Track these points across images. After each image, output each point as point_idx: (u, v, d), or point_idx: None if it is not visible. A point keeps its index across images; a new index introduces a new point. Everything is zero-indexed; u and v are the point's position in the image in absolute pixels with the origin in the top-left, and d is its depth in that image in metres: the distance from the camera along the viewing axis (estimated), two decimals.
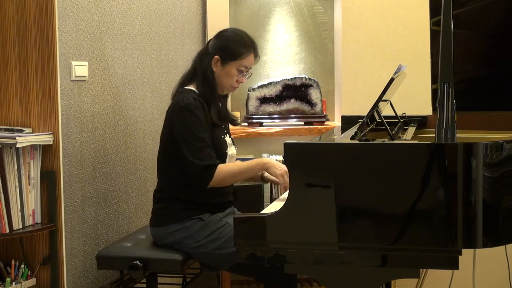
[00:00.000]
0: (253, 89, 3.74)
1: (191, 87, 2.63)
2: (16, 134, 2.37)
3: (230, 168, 2.54)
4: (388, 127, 2.22)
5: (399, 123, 2.71)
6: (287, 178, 2.55)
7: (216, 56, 2.61)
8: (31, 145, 2.43)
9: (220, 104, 2.69)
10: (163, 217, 2.61)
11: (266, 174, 2.80)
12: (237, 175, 2.56)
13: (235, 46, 2.61)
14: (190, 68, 2.69)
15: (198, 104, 2.53)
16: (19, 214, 2.41)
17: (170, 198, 2.60)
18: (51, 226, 2.48)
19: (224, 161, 2.62)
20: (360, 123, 2.22)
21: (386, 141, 2.09)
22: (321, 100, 3.76)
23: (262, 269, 2.45)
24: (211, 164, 2.48)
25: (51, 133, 2.47)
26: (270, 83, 3.75)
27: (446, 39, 1.99)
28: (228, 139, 2.71)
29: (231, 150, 2.69)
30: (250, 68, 2.67)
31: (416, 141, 2.07)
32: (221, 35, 2.68)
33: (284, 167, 2.55)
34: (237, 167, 2.57)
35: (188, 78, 2.67)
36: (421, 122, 3.01)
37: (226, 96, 2.79)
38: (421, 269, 2.40)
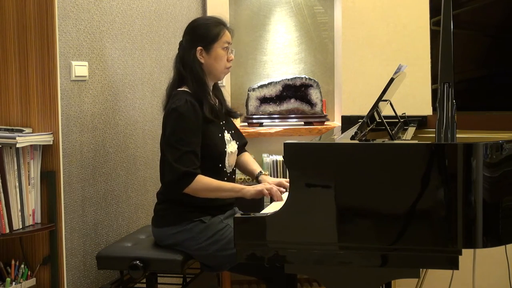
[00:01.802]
0: (253, 89, 3.74)
1: (184, 88, 2.61)
2: (16, 134, 2.37)
3: (209, 182, 2.50)
4: (388, 127, 2.21)
5: (399, 123, 2.70)
6: (270, 186, 2.54)
7: (199, 47, 2.60)
8: (31, 145, 2.43)
9: (217, 101, 2.69)
10: (165, 218, 2.60)
11: (261, 178, 2.80)
12: (213, 191, 2.52)
13: (210, 29, 2.61)
14: (174, 75, 2.66)
15: (189, 106, 2.50)
16: (19, 214, 2.41)
17: (171, 200, 2.60)
18: (51, 226, 2.48)
19: (223, 160, 2.62)
20: (360, 123, 2.22)
21: (386, 141, 2.09)
22: (321, 100, 3.76)
23: (263, 269, 2.45)
24: (190, 171, 2.46)
25: (51, 133, 2.47)
26: (270, 83, 3.75)
27: (446, 39, 1.99)
28: (227, 135, 2.68)
29: (231, 147, 2.67)
30: (231, 44, 2.67)
31: (416, 141, 2.07)
32: (191, 28, 2.67)
33: (259, 185, 2.55)
34: (216, 184, 2.53)
35: (175, 85, 2.65)
36: (421, 122, 3.00)
37: (218, 89, 2.77)
38: (421, 269, 2.40)
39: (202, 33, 2.61)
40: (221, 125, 2.68)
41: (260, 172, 2.82)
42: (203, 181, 2.49)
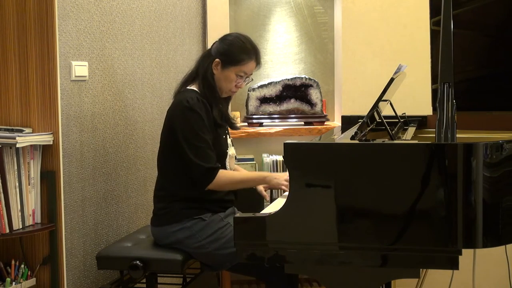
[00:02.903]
0: (253, 89, 3.74)
1: (193, 87, 2.64)
2: (16, 134, 2.37)
3: (231, 175, 2.58)
4: (388, 127, 2.21)
5: (399, 123, 2.70)
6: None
7: (217, 60, 2.61)
8: (31, 145, 2.43)
9: (222, 107, 2.71)
10: (164, 217, 2.61)
11: (260, 189, 2.82)
12: (237, 183, 2.60)
13: (237, 52, 2.61)
14: (193, 69, 2.70)
15: (201, 104, 2.54)
16: (19, 214, 2.41)
17: (170, 198, 2.61)
18: (51, 226, 2.48)
19: (224, 161, 2.63)
20: (360, 123, 2.22)
21: (386, 141, 2.09)
22: (321, 100, 3.76)
23: (263, 269, 2.45)
24: (214, 167, 2.51)
25: (51, 133, 2.47)
26: (270, 83, 3.75)
27: (446, 39, 1.99)
28: (229, 140, 2.73)
29: (231, 150, 2.71)
30: (251, 74, 2.68)
31: (416, 141, 2.07)
32: (225, 38, 2.68)
33: (283, 175, 2.59)
34: (239, 176, 2.62)
35: (190, 78, 2.68)
36: (421, 122, 3.01)
37: (228, 99, 2.79)
38: (421, 269, 2.41)
39: (227, 50, 2.62)
40: (224, 128, 2.71)
41: None
42: (226, 175, 2.55)
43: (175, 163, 2.57)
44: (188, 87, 2.65)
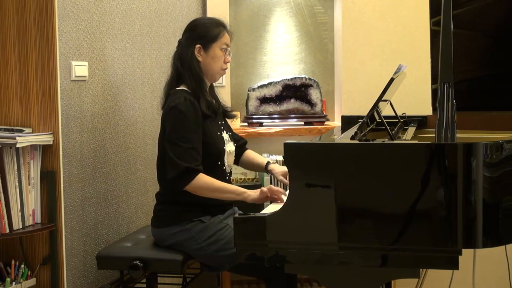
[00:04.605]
0: (253, 89, 3.74)
1: (181, 87, 2.61)
2: (16, 134, 2.37)
3: (210, 181, 2.48)
4: (388, 127, 2.21)
5: (399, 123, 2.70)
6: (267, 191, 2.50)
7: (198, 45, 2.61)
8: (31, 145, 2.43)
9: (214, 100, 2.70)
10: (164, 218, 2.60)
11: (271, 167, 2.80)
12: (214, 190, 2.49)
13: (210, 29, 2.63)
14: (172, 73, 2.66)
15: (189, 103, 2.51)
16: (19, 214, 2.41)
17: (170, 200, 2.59)
18: (51, 226, 2.48)
19: (222, 158, 2.61)
20: (360, 123, 2.22)
21: (386, 141, 2.09)
22: (321, 100, 3.76)
23: (263, 269, 2.45)
24: (192, 168, 2.44)
25: (51, 133, 2.47)
26: (270, 83, 3.75)
27: (446, 39, 1.99)
28: (225, 135, 2.68)
29: (229, 147, 2.68)
30: (229, 46, 2.68)
31: (416, 141, 2.07)
32: (191, 26, 2.68)
33: (259, 190, 2.51)
34: (218, 184, 2.50)
35: (172, 83, 2.65)
36: (421, 122, 3.00)
37: (212, 89, 2.77)
38: (421, 269, 2.41)
39: (202, 32, 2.62)
40: (219, 124, 2.69)
41: (268, 162, 2.83)
42: (205, 180, 2.48)
43: None
44: (177, 88, 2.62)
